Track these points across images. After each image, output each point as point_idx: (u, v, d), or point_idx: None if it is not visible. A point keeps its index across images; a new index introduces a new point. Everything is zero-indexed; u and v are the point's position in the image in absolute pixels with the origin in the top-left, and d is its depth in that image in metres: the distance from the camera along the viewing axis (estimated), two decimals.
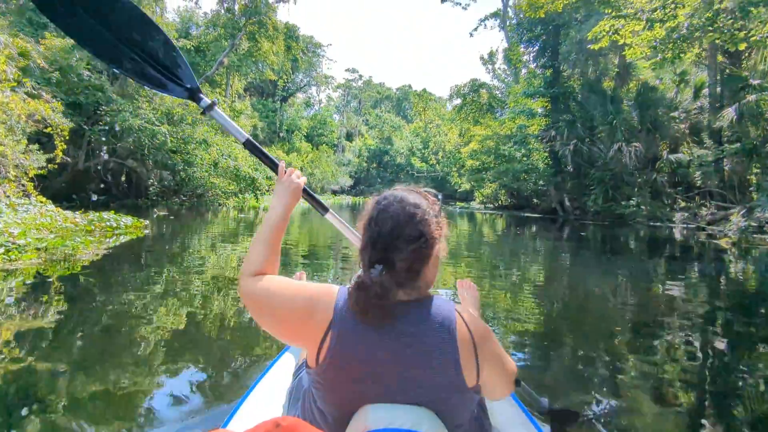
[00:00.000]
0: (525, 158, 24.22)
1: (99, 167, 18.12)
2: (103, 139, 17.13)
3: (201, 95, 1.48)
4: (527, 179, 24.44)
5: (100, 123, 16.41)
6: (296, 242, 10.42)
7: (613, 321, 4.45)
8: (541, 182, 24.67)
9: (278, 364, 1.88)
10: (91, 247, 6.28)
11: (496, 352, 1.04)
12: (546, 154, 23.63)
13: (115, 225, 8.20)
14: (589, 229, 17.34)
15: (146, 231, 9.09)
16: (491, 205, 32.76)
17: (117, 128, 16.40)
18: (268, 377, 1.77)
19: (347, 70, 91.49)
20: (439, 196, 1.17)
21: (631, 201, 18.82)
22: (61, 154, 11.45)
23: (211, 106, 1.45)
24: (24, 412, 2.24)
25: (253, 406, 1.56)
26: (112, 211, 8.96)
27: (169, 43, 1.42)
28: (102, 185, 19.29)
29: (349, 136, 63.14)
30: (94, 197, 17.50)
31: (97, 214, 8.42)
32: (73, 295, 4.22)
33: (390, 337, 0.97)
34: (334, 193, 47.19)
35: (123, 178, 20.43)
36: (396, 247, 0.99)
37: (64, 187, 17.48)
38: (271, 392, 1.65)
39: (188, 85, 1.47)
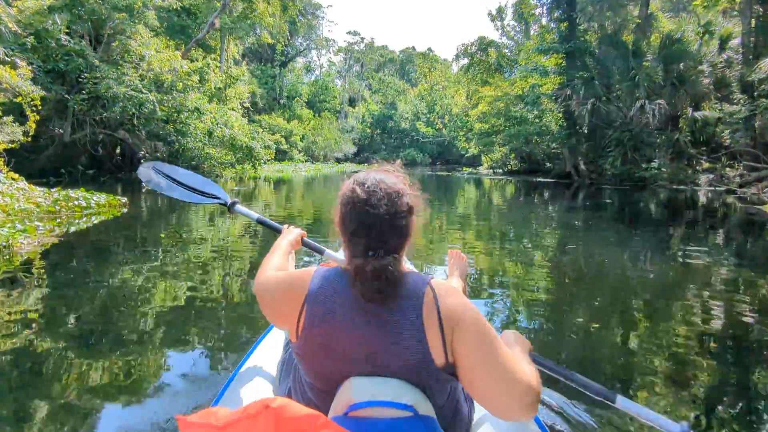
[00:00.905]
0: (537, 120, 22.80)
1: (88, 139, 17.12)
2: (87, 109, 16.09)
3: (228, 201, 2.18)
4: (540, 142, 23.09)
5: (83, 92, 15.29)
6: (300, 211, 10.08)
7: (630, 291, 4.22)
8: (554, 145, 23.36)
9: (267, 338, 1.88)
10: (38, 235, 5.33)
11: (474, 328, 0.96)
12: (560, 115, 22.18)
13: (84, 204, 7.26)
14: (606, 194, 16.50)
15: (124, 210, 8.19)
16: (500, 170, 31.45)
17: (101, 97, 15.29)
18: (257, 352, 1.76)
19: (348, 32, 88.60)
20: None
21: (653, 163, 17.60)
22: (34, 126, 10.45)
23: (234, 204, 2.12)
24: None
25: (244, 381, 1.54)
26: (82, 189, 7.96)
27: (213, 184, 2.30)
28: (93, 158, 18.29)
29: (352, 102, 61.30)
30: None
31: (64, 192, 7.46)
32: None
33: (361, 313, 0.99)
34: (338, 161, 45.81)
35: (118, 151, 19.42)
36: (392, 226, 1.01)
37: (51, 162, 16.60)
38: (261, 366, 1.64)
39: (221, 198, 2.22)
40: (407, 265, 1.12)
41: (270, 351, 1.75)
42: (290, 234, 1.64)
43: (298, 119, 43.20)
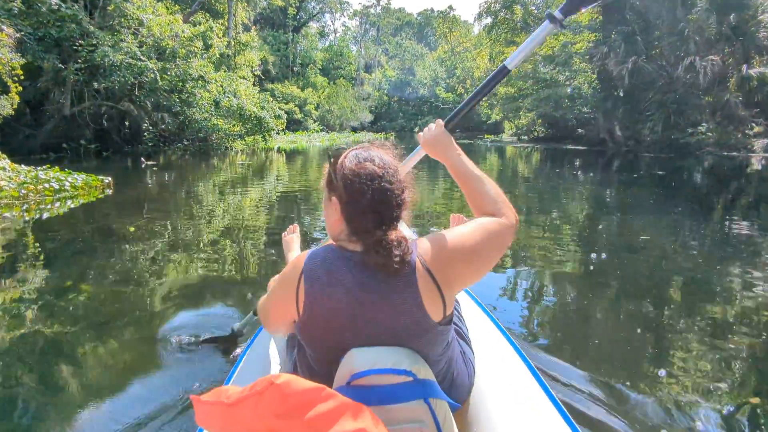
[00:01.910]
0: (568, 82, 20.91)
1: (91, 112, 16.21)
2: (87, 79, 15.15)
3: (233, 331, 2.46)
4: (570, 106, 21.21)
5: (79, 60, 14.26)
6: (316, 181, 9.79)
7: (668, 269, 3.98)
8: (585, 109, 21.53)
9: None
10: None
11: (462, 260, 1.04)
12: (593, 76, 20.25)
13: (57, 187, 6.29)
14: (644, 162, 15.17)
15: (108, 191, 7.24)
16: (525, 137, 29.63)
17: (98, 66, 14.26)
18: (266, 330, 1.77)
19: None
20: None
21: (700, 127, 15.86)
22: (17, 98, 9.51)
23: (236, 331, 2.44)
24: None
25: (254, 358, 1.60)
26: (56, 169, 6.91)
27: (215, 337, 2.50)
28: (100, 132, 17.37)
29: (368, 68, 59.15)
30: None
31: (34, 173, 6.49)
32: None
33: (359, 286, 1.00)
34: (354, 130, 44.18)
35: (127, 123, 18.45)
36: (402, 199, 1.04)
37: (53, 137, 15.86)
38: (270, 343, 1.68)
39: (229, 334, 2.46)
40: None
41: None
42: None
43: (313, 87, 41.63)
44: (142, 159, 12.78)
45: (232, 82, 18.68)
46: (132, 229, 4.81)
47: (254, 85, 25.98)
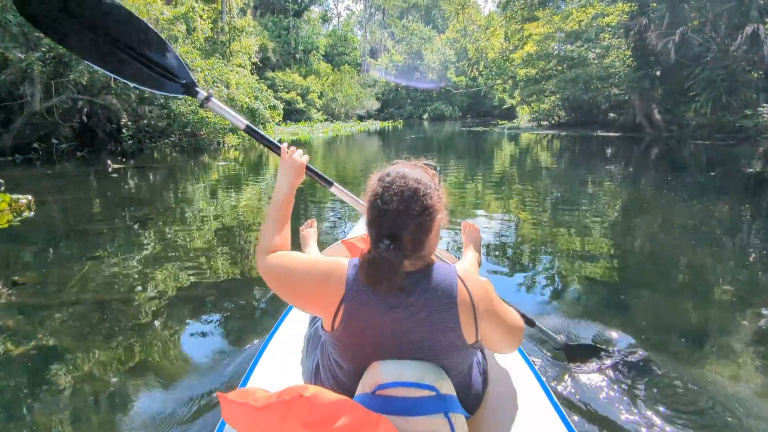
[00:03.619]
0: (597, 60, 18.58)
1: (66, 107, 14.52)
2: (61, 71, 13.50)
3: (197, 89, 1.53)
4: (601, 88, 18.88)
5: (43, 49, 12.53)
6: (323, 172, 8.00)
7: (717, 275, 3.55)
8: (615, 90, 19.25)
9: (293, 312, 1.90)
10: None
11: (494, 309, 1.11)
12: (628, 53, 17.92)
13: None
14: (689, 150, 13.34)
15: (29, 213, 5.45)
16: (546, 123, 27.28)
17: (64, 54, 12.54)
18: (284, 325, 1.79)
19: None
20: (438, 168, 1.24)
21: (761, 108, 13.61)
22: None
23: (208, 99, 1.50)
24: None
25: (273, 355, 1.59)
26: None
27: (161, 41, 1.46)
28: (84, 129, 15.61)
29: (374, 53, 56.82)
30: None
31: None
32: None
33: (398, 306, 1.03)
34: (360, 118, 42.00)
35: (113, 119, 16.71)
36: (402, 223, 1.03)
37: (26, 135, 14.26)
38: (289, 340, 1.67)
39: (183, 81, 1.51)
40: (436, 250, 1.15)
41: (296, 324, 1.77)
42: (292, 167, 1.36)
43: (316, 74, 39.51)
44: (108, 162, 11.03)
45: (222, 71, 16.82)
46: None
47: (252, 73, 24.07)
